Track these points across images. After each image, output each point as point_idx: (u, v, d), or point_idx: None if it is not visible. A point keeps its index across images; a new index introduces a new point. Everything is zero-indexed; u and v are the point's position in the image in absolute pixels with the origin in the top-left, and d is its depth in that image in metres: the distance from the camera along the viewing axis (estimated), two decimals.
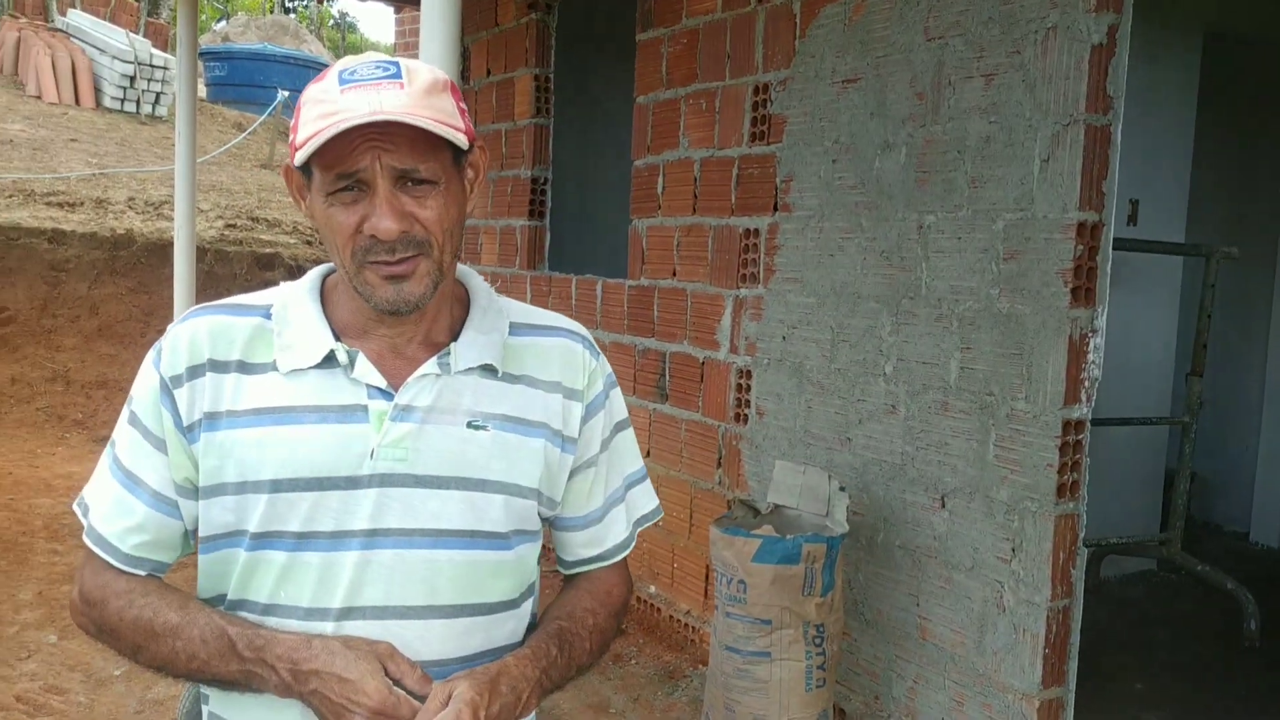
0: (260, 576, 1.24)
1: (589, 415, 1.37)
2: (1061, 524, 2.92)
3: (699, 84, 4.25)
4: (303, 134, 1.16)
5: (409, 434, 1.24)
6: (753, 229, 3.97)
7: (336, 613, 1.23)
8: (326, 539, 1.22)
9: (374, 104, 1.15)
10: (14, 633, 4.11)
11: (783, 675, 3.16)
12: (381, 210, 1.17)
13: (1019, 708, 2.99)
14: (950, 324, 3.18)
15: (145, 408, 1.26)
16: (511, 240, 5.65)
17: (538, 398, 1.33)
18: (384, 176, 1.17)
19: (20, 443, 6.95)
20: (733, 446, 4.10)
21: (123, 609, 1.25)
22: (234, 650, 1.19)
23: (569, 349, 1.38)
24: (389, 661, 1.18)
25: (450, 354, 1.28)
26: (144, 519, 1.26)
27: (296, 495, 1.21)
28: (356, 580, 1.23)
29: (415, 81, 1.18)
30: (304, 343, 1.25)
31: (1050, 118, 2.90)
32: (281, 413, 1.22)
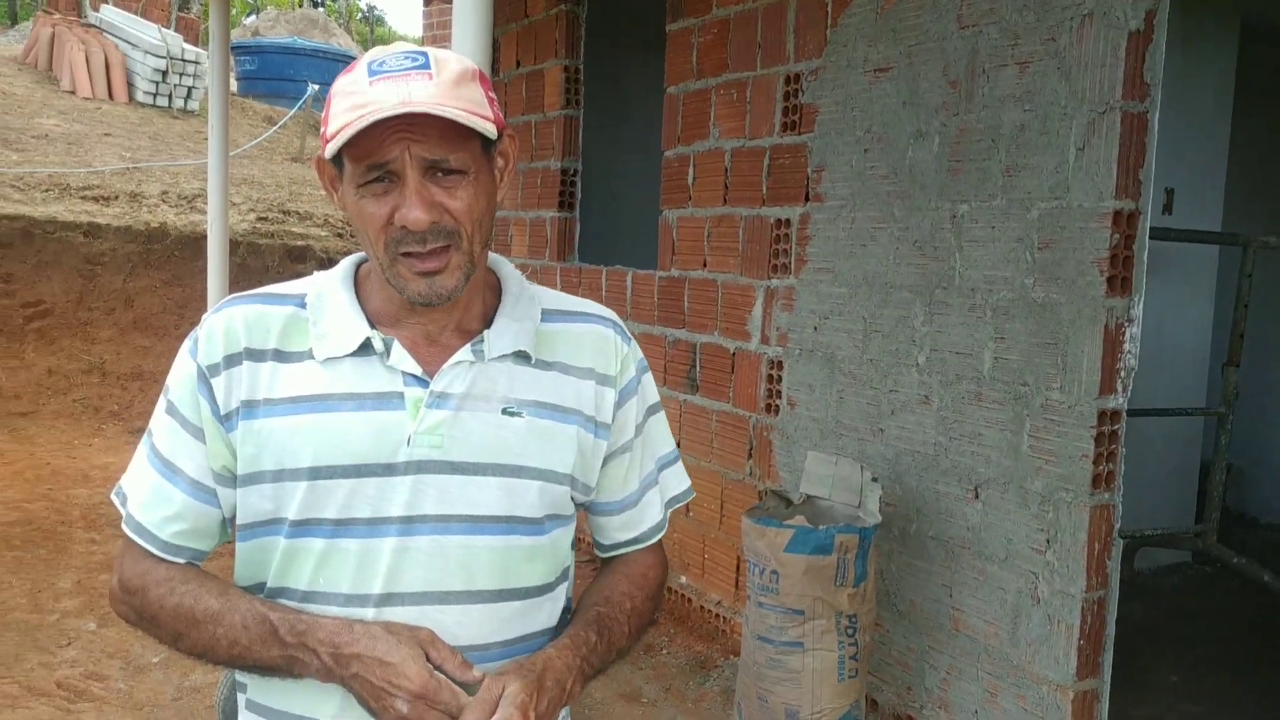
0: (299, 564, 1.25)
1: (622, 401, 1.38)
2: (1097, 515, 2.90)
3: (730, 74, 4.24)
4: (333, 126, 1.17)
5: (445, 421, 1.25)
6: (784, 219, 3.96)
7: (376, 599, 1.23)
8: (364, 525, 1.23)
9: (403, 95, 1.15)
10: (54, 620, 4.17)
11: (815, 665, 3.16)
12: (411, 201, 1.17)
13: (1053, 699, 2.98)
14: (984, 314, 3.16)
15: (182, 396, 1.26)
16: (541, 232, 5.67)
17: (571, 384, 1.33)
18: (413, 167, 1.17)
19: (58, 434, 7.04)
20: (764, 437, 4.10)
21: (163, 596, 1.26)
22: (276, 635, 1.20)
23: (601, 335, 1.38)
24: (430, 647, 1.19)
25: (484, 341, 1.29)
26: (182, 507, 1.26)
27: (334, 482, 1.22)
28: (395, 566, 1.23)
29: (444, 72, 1.19)
30: (339, 331, 1.26)
31: (1086, 105, 2.87)
32: (318, 400, 1.23)
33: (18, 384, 7.45)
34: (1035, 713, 3.03)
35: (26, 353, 7.57)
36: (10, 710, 3.46)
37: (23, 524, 5.23)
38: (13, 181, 8.38)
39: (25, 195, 8.22)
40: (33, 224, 7.78)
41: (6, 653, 3.86)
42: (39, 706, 3.51)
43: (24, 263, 7.68)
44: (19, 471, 6.14)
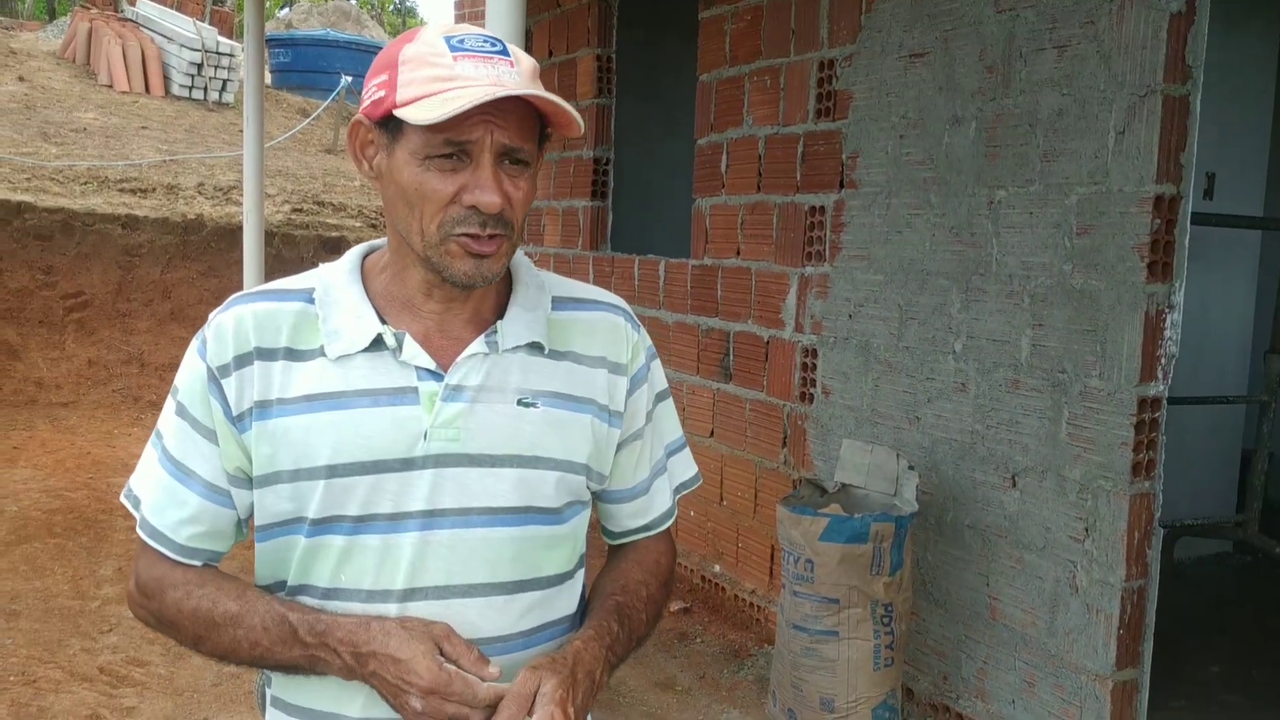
0: (320, 561, 1.24)
1: (633, 389, 1.37)
2: (1136, 503, 2.87)
3: (763, 61, 4.22)
4: (411, 92, 1.15)
5: (461, 414, 1.24)
6: (818, 206, 3.94)
7: (399, 594, 1.23)
8: (385, 521, 1.23)
9: (492, 77, 1.14)
10: (96, 607, 4.24)
11: (850, 654, 3.15)
12: (487, 184, 1.17)
13: (1092, 689, 2.96)
14: (1021, 300, 3.13)
15: (193, 398, 1.25)
16: (574, 221, 5.67)
17: (583, 373, 1.33)
18: (490, 151, 1.17)
19: (98, 423, 7.14)
20: (798, 426, 4.08)
21: (180, 600, 1.25)
22: (296, 636, 1.20)
23: (612, 323, 1.37)
24: (444, 642, 1.18)
25: (497, 332, 1.28)
26: (197, 510, 1.25)
27: (353, 479, 1.21)
28: (417, 561, 1.23)
29: (521, 64, 1.18)
30: (350, 328, 1.24)
31: (1126, 89, 2.84)
32: (333, 398, 1.22)
33: (59, 374, 7.56)
34: (1073, 702, 3.01)
35: (67, 344, 7.68)
36: (54, 694, 3.52)
37: (64, 512, 5.31)
38: (53, 174, 8.49)
39: (65, 188, 8.33)
40: (72, 216, 7.89)
41: (51, 638, 3.92)
42: (82, 691, 3.56)
43: (64, 255, 7.79)
44: (61, 460, 6.23)
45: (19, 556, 4.68)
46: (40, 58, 12.74)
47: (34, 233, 7.74)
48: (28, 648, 3.83)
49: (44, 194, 8.08)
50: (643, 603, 1.39)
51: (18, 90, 11.04)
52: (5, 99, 10.59)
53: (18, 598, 4.25)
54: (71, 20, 13.71)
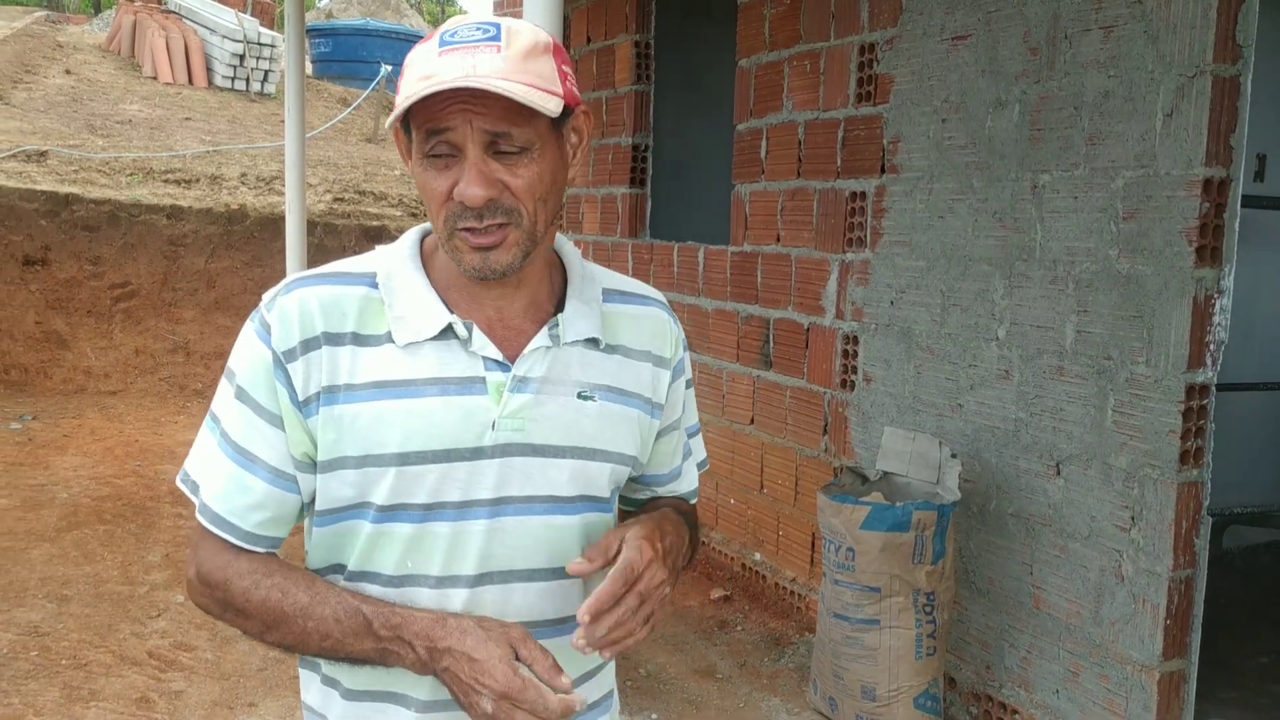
0: (386, 548, 1.25)
1: (674, 380, 1.41)
2: (1184, 492, 2.82)
3: (802, 45, 4.18)
4: (401, 95, 1.17)
5: (526, 405, 1.25)
6: (859, 192, 3.90)
7: (470, 579, 1.25)
8: (454, 509, 1.24)
9: (467, 67, 1.13)
10: (144, 592, 4.30)
11: (892, 643, 3.13)
12: (469, 176, 1.16)
13: (1138, 679, 2.92)
14: (1066, 286, 3.09)
15: (255, 383, 1.24)
16: (613, 208, 5.66)
17: (631, 367, 1.35)
18: (474, 141, 1.15)
19: (145, 411, 7.25)
20: (839, 413, 4.06)
21: (248, 590, 1.24)
22: (370, 629, 1.20)
23: (657, 318, 1.40)
24: (520, 645, 1.18)
25: (559, 325, 1.29)
26: (264, 496, 1.24)
27: (424, 468, 1.22)
28: (487, 547, 1.25)
29: (514, 44, 1.16)
30: (418, 315, 1.25)
31: (1174, 70, 2.78)
32: (402, 386, 1.22)
33: (107, 363, 7.68)
34: (1119, 693, 2.97)
35: (115, 333, 7.80)
36: (105, 677, 3.59)
37: (113, 499, 5.40)
38: (99, 166, 8.61)
39: (111, 180, 8.44)
40: (119, 207, 8.00)
41: (101, 623, 3.99)
42: (132, 675, 3.62)
43: (111, 245, 7.90)
44: (109, 448, 6.33)
45: (70, 542, 4.76)
46: (86, 51, 12.91)
47: (82, 224, 7.86)
48: (79, 632, 3.90)
49: (91, 185, 8.20)
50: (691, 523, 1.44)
51: (65, 83, 11.20)
52: (53, 92, 10.75)
53: (69, 583, 4.33)
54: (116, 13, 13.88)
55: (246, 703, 3.50)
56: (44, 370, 7.57)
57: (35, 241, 7.70)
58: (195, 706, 3.46)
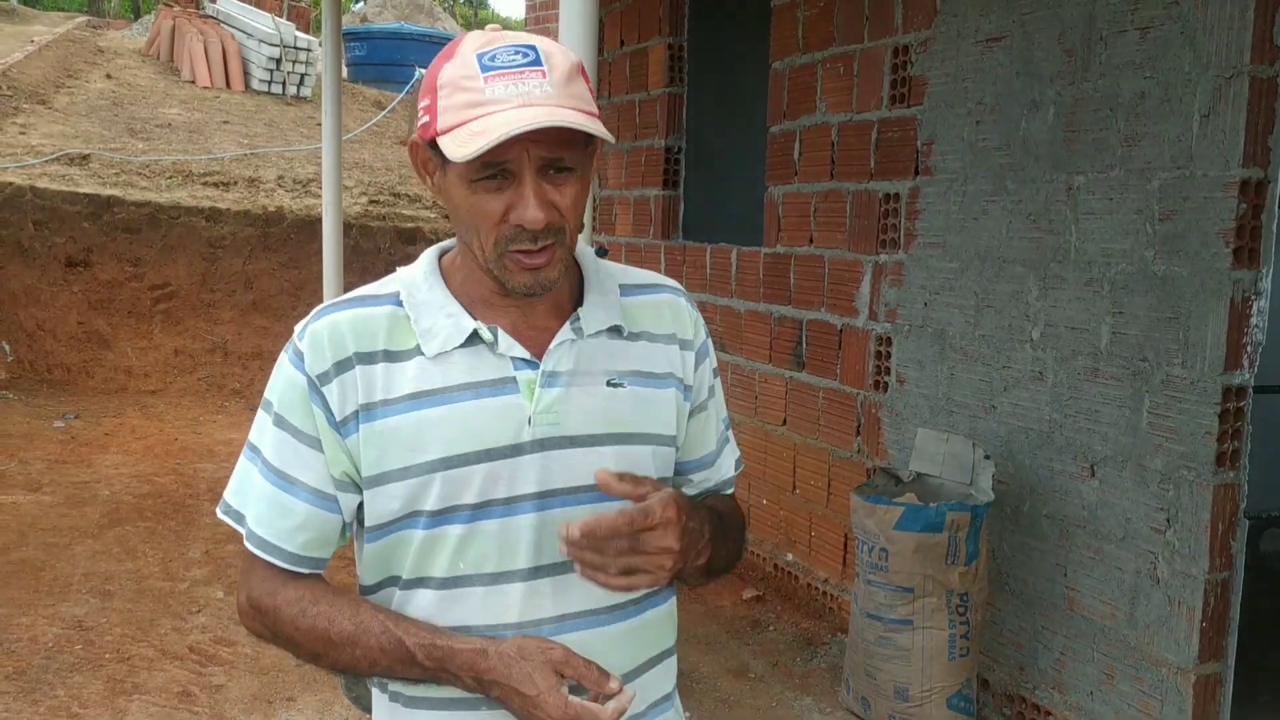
0: (437, 552, 1.28)
1: (699, 361, 1.44)
2: (1220, 494, 2.81)
3: (836, 47, 4.19)
4: (447, 120, 1.18)
5: (558, 398, 1.29)
6: (892, 193, 3.91)
7: (525, 573, 1.28)
8: (501, 505, 1.27)
9: (521, 95, 1.16)
10: (185, 588, 4.38)
11: (925, 644, 3.14)
12: (529, 201, 1.19)
13: (1173, 682, 2.91)
14: (1101, 288, 3.08)
15: (292, 408, 1.28)
16: (645, 210, 5.69)
17: (658, 350, 1.38)
18: (531, 167, 1.19)
19: (184, 410, 7.35)
20: (872, 414, 4.07)
21: (296, 618, 1.28)
22: (414, 660, 1.24)
23: (674, 303, 1.43)
24: (565, 667, 1.21)
25: (580, 319, 1.33)
26: (306, 517, 1.29)
27: (469, 469, 1.26)
28: (537, 541, 1.28)
29: (555, 69, 1.19)
30: (443, 326, 1.29)
31: (1211, 71, 2.77)
32: (437, 394, 1.26)
33: (147, 363, 7.80)
34: (1154, 695, 2.96)
35: (155, 333, 7.92)
36: (147, 672, 3.65)
37: (154, 496, 5.49)
38: (140, 169, 8.75)
39: (151, 182, 8.57)
40: (159, 210, 8.12)
41: (143, 618, 4.07)
42: (173, 669, 3.69)
43: (151, 247, 8.02)
44: (150, 447, 6.43)
45: (112, 539, 4.85)
46: (126, 55, 13.11)
47: (123, 226, 7.99)
48: (121, 626, 3.98)
49: (131, 188, 8.33)
50: (733, 523, 1.43)
51: (105, 87, 11.38)
52: (94, 96, 10.92)
53: (111, 578, 4.41)
54: (155, 18, 14.07)
55: (285, 697, 3.56)
56: (86, 370, 7.70)
57: (78, 243, 7.84)
58: (235, 700, 3.52)
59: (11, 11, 17.13)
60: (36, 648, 3.77)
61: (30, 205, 7.76)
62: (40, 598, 4.18)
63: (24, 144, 8.81)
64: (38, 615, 4.02)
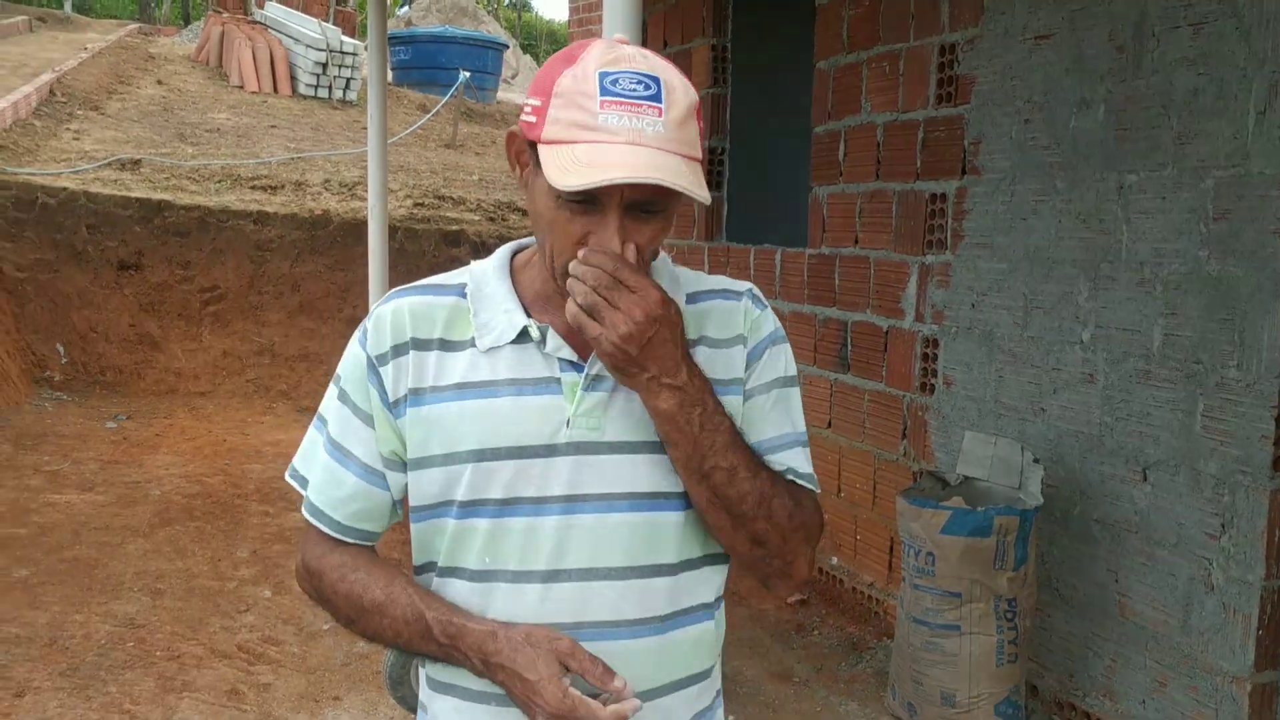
0: (468, 543, 1.30)
1: (752, 358, 1.36)
2: (1277, 499, 2.75)
3: (881, 46, 4.16)
4: (554, 132, 1.17)
5: (600, 403, 1.28)
6: (939, 194, 3.87)
7: (542, 575, 1.28)
8: (529, 504, 1.28)
9: (634, 131, 1.15)
10: (233, 588, 4.43)
11: (973, 649, 3.10)
12: (612, 237, 1.19)
13: (1229, 690, 2.85)
14: (1153, 288, 3.03)
15: (354, 384, 1.33)
16: (689, 212, 5.68)
17: (721, 356, 1.35)
18: (619, 204, 1.19)
19: (232, 412, 7.45)
20: (918, 417, 4.03)
21: (336, 582, 1.34)
22: (431, 635, 1.27)
23: (734, 307, 1.39)
24: (570, 659, 1.22)
25: None
26: (354, 489, 1.34)
27: (499, 464, 1.27)
28: (560, 544, 1.27)
29: (673, 109, 1.18)
30: (499, 321, 1.30)
31: (1267, 66, 2.72)
32: (482, 387, 1.28)
33: (197, 365, 7.91)
34: (1209, 704, 2.91)
35: (204, 335, 8.03)
36: (197, 669, 3.70)
37: (203, 497, 5.56)
38: (189, 174, 8.88)
39: (200, 186, 8.70)
40: (208, 214, 8.23)
41: (193, 616, 4.12)
42: (222, 667, 3.73)
43: (200, 250, 8.13)
44: (199, 448, 6.52)
45: (163, 538, 4.92)
46: (176, 61, 13.32)
47: (173, 229, 8.11)
48: (172, 625, 4.03)
49: (181, 192, 8.45)
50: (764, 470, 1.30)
51: (156, 93, 11.56)
52: (145, 102, 11.10)
53: (162, 577, 4.47)
54: (205, 24, 14.28)
55: (331, 696, 3.59)
56: (137, 371, 7.82)
57: (129, 246, 7.96)
58: (283, 699, 3.55)
59: (66, 19, 17.47)
60: (89, 645, 3.83)
61: (84, 210, 7.90)
62: (93, 595, 4.25)
63: (78, 149, 8.97)
64: (90, 613, 4.09)
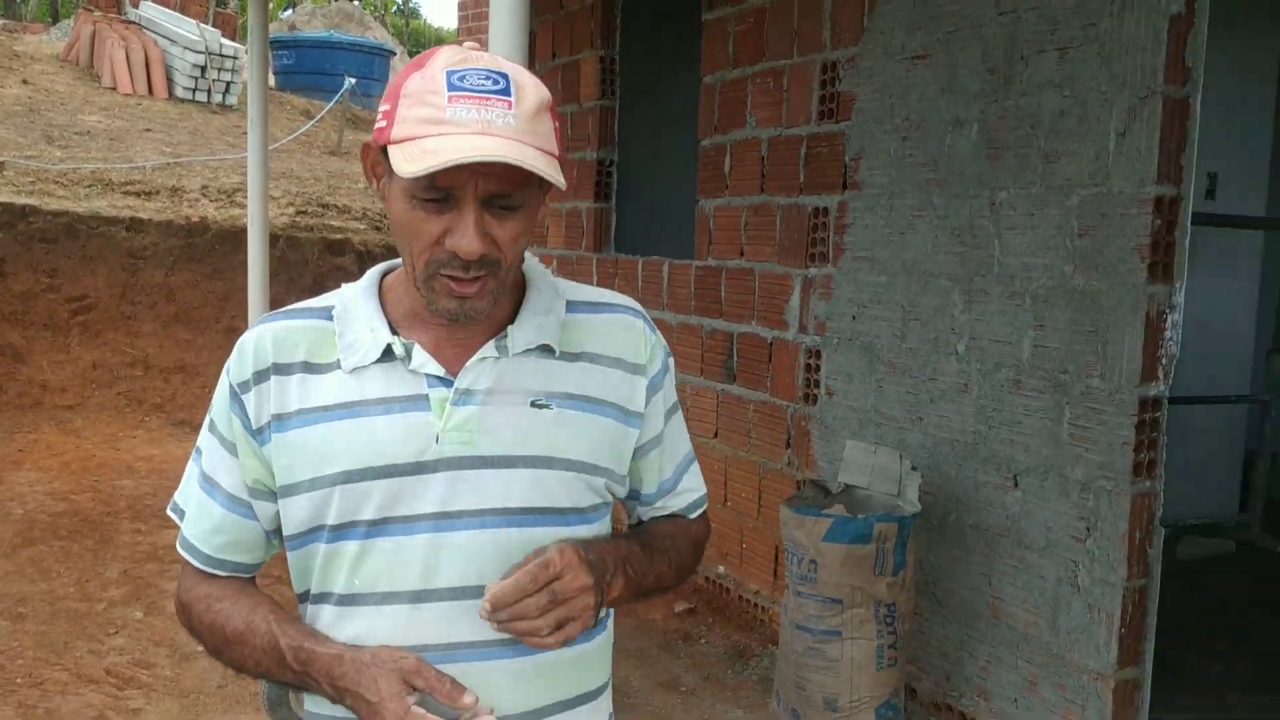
0: (337, 567, 1.28)
1: (653, 390, 1.39)
2: (1138, 503, 2.88)
3: (766, 62, 4.23)
4: (403, 130, 1.16)
5: (472, 417, 1.26)
6: (821, 208, 3.95)
7: (410, 595, 1.25)
8: (399, 524, 1.25)
9: (483, 122, 1.14)
10: (102, 609, 4.25)
11: (854, 654, 3.16)
12: (468, 233, 1.17)
13: (1094, 688, 2.97)
14: (1023, 301, 3.14)
15: (220, 414, 1.32)
16: (578, 223, 5.68)
17: (599, 374, 1.34)
18: (475, 197, 1.17)
19: (103, 426, 7.15)
20: (802, 427, 4.10)
21: (202, 614, 1.33)
22: (285, 663, 1.25)
23: (628, 324, 1.38)
24: (415, 677, 1.19)
25: (508, 336, 1.30)
26: (220, 521, 1.32)
27: (368, 484, 1.25)
28: (430, 563, 1.25)
29: (524, 102, 1.17)
30: (364, 341, 1.28)
31: (1126, 90, 2.85)
32: (348, 408, 1.26)
33: (64, 377, 7.58)
34: (1076, 701, 3.02)
35: (72, 346, 7.69)
36: (61, 696, 3.54)
37: (70, 515, 5.32)
38: (57, 178, 8.51)
39: (69, 191, 8.35)
40: (77, 220, 7.90)
41: (57, 640, 3.94)
42: (89, 693, 3.58)
43: (69, 258, 7.80)
44: (66, 463, 6.25)
45: (25, 559, 4.69)
46: (44, 61, 12.76)
47: (39, 236, 7.76)
48: (34, 650, 3.85)
49: (48, 197, 8.09)
50: (664, 547, 1.41)
51: (22, 93, 11.06)
52: (9, 102, 10.61)
53: (24, 600, 4.27)
54: (75, 23, 13.73)
55: None
56: None
57: None
58: None
59: None
60: None
61: None
62: None
63: None
64: None
